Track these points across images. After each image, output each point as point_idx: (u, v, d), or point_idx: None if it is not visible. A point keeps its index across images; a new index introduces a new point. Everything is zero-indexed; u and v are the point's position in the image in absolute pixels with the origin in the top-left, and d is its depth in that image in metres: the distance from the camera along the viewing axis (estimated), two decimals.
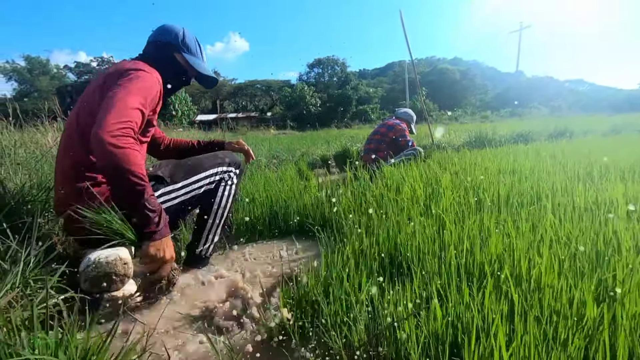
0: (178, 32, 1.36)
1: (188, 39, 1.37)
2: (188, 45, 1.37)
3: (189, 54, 1.37)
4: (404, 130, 3.34)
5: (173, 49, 1.35)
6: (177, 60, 1.36)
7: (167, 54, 1.34)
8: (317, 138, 8.36)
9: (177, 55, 1.36)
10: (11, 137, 2.84)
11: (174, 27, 1.37)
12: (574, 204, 1.48)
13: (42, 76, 32.96)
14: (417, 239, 1.18)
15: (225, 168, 1.40)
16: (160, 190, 1.25)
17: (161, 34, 1.35)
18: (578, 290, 0.81)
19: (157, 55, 1.33)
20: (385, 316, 0.84)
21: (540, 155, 3.08)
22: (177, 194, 1.29)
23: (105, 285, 1.07)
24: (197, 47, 1.41)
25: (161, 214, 1.05)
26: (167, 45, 1.34)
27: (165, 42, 1.34)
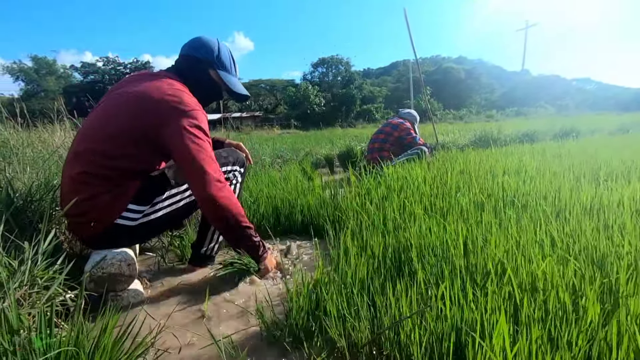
0: (213, 47, 1.32)
1: (223, 55, 1.34)
2: (223, 61, 1.34)
3: (223, 70, 1.34)
4: (409, 129, 3.33)
5: (208, 66, 1.32)
6: (212, 77, 1.34)
7: (202, 71, 1.32)
8: (321, 137, 8.36)
9: (211, 72, 1.33)
10: (19, 137, 2.88)
11: (210, 41, 1.33)
12: (579, 204, 1.47)
13: (49, 76, 33.27)
14: (420, 238, 1.18)
15: (230, 167, 1.41)
16: (166, 193, 1.26)
17: (196, 48, 1.31)
18: (582, 290, 0.80)
19: (191, 72, 1.31)
20: (387, 315, 0.84)
21: (545, 155, 3.06)
22: (183, 195, 1.30)
23: (109, 285, 1.09)
24: (231, 63, 1.38)
25: (262, 244, 1.30)
26: (202, 62, 1.31)
27: (200, 58, 1.31)
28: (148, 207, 1.22)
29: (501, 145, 4.54)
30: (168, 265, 1.50)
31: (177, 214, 1.30)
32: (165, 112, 1.14)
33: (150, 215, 1.23)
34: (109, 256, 1.11)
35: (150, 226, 1.24)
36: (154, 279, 1.38)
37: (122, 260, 1.12)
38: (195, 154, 1.13)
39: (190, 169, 1.14)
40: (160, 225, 1.29)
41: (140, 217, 1.20)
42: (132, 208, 1.18)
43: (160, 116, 1.14)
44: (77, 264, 1.08)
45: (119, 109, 1.18)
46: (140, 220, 1.21)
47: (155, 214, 1.24)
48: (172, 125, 1.14)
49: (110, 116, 1.19)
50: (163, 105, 1.14)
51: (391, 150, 3.28)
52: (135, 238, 1.26)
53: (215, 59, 1.32)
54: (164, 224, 1.30)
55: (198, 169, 1.14)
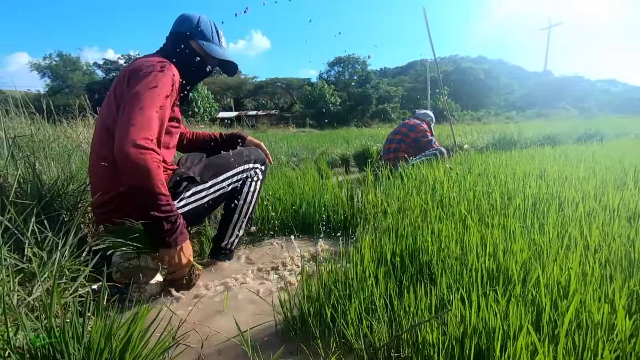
0: (193, 19, 1.32)
1: (204, 25, 1.33)
2: (203, 31, 1.33)
3: (204, 40, 1.33)
4: (425, 131, 3.29)
5: (188, 37, 1.32)
6: (193, 48, 1.33)
7: (183, 43, 1.31)
8: (337, 137, 8.35)
9: (192, 43, 1.32)
10: (45, 132, 2.99)
11: (190, 15, 1.34)
12: (605, 210, 1.42)
13: (73, 73, 34.33)
14: (440, 240, 1.17)
15: (252, 165, 1.43)
16: (192, 189, 1.30)
17: (177, 24, 1.34)
18: (609, 299, 0.78)
19: (174, 47, 1.31)
20: (405, 318, 0.84)
21: (568, 158, 2.97)
22: (207, 192, 1.33)
23: (134, 277, 1.12)
24: (213, 33, 1.36)
25: (176, 224, 1.11)
26: (183, 35, 1.31)
27: (180, 31, 1.32)
28: (175, 202, 1.25)
29: (521, 147, 4.43)
30: None
31: (201, 209, 1.33)
32: (132, 74, 1.15)
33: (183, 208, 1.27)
34: None
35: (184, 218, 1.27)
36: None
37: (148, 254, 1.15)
38: (131, 101, 1.08)
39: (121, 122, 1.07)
40: (186, 220, 1.31)
41: None
42: None
43: (131, 78, 1.14)
44: (101, 257, 1.11)
45: (108, 98, 1.22)
46: None
47: (182, 209, 1.27)
48: (132, 83, 1.13)
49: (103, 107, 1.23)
50: (133, 71, 1.15)
51: (407, 151, 3.26)
52: None
53: (194, 29, 1.31)
54: (190, 219, 1.33)
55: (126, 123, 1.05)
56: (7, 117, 3.05)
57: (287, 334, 0.97)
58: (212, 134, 1.64)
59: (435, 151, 3.15)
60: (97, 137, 1.25)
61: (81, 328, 0.54)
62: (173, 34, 1.33)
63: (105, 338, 0.54)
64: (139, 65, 1.17)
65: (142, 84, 1.11)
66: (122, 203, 1.16)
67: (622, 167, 2.38)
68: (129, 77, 1.15)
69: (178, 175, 1.29)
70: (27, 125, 3.04)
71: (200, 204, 1.32)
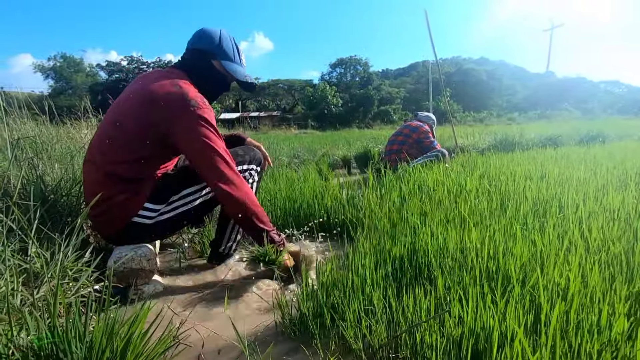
0: (215, 37, 1.31)
1: (225, 44, 1.32)
2: (225, 50, 1.32)
3: (226, 60, 1.33)
4: (428, 132, 3.30)
5: (210, 56, 1.31)
6: (215, 68, 1.33)
7: (205, 62, 1.31)
8: (338, 138, 8.36)
9: (214, 62, 1.32)
10: (48, 133, 3.01)
11: (211, 31, 1.32)
12: (605, 212, 1.42)
13: (76, 74, 34.51)
14: (439, 242, 1.17)
15: (246, 166, 1.42)
16: (181, 192, 1.29)
17: (198, 40, 1.32)
18: (608, 302, 0.78)
19: (195, 64, 1.31)
20: (404, 319, 0.85)
21: (570, 160, 2.97)
22: (199, 194, 1.32)
23: (131, 279, 1.13)
24: (234, 51, 1.35)
25: (278, 241, 1.29)
26: (204, 53, 1.30)
27: (201, 49, 1.30)
28: (164, 205, 1.26)
29: (523, 149, 4.42)
30: (188, 261, 1.54)
31: (193, 212, 1.32)
32: (172, 109, 1.15)
33: (166, 214, 1.27)
34: (130, 252, 1.15)
35: (167, 224, 1.28)
36: (173, 274, 1.41)
37: (142, 256, 1.16)
38: (209, 153, 1.16)
39: (205, 166, 1.18)
40: (177, 223, 1.33)
41: (156, 216, 1.24)
42: (149, 207, 1.22)
43: (168, 114, 1.15)
44: (102, 257, 1.13)
45: (126, 113, 1.21)
46: (156, 219, 1.24)
47: (171, 213, 1.27)
48: (182, 122, 1.15)
49: (119, 122, 1.21)
50: (169, 104, 1.16)
51: (409, 152, 3.26)
52: (154, 235, 1.29)
53: (216, 49, 1.31)
54: (181, 221, 1.34)
55: (213, 167, 1.16)
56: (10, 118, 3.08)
57: (286, 333, 0.97)
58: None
59: (437, 152, 3.15)
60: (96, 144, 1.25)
61: (83, 327, 0.55)
62: (194, 51, 1.31)
63: (107, 337, 0.55)
64: (183, 96, 1.17)
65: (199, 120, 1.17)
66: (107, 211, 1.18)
67: (624, 169, 2.37)
68: (177, 111, 1.16)
69: (167, 178, 1.29)
70: (30, 127, 3.07)
71: (191, 207, 1.31)
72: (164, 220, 1.26)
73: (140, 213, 1.22)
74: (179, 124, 1.15)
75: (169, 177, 1.29)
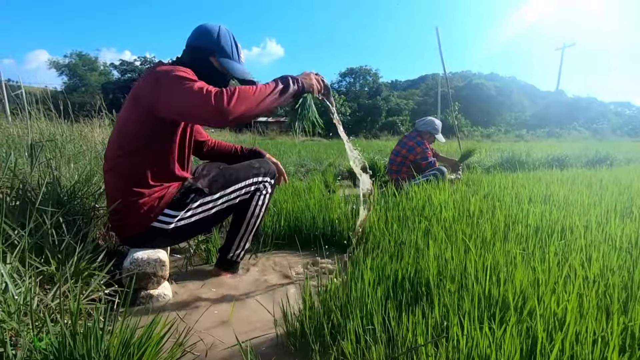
0: (213, 33, 1.31)
1: (224, 41, 1.32)
2: (223, 47, 1.32)
3: (224, 57, 1.33)
4: (424, 152, 3.25)
5: (208, 53, 1.32)
6: (214, 65, 1.33)
7: (203, 59, 1.32)
8: (345, 148, 8.37)
9: (212, 59, 1.33)
10: (62, 132, 3.09)
11: (210, 28, 1.32)
12: (607, 241, 1.44)
13: (90, 73, 35.14)
14: (440, 264, 1.19)
15: (261, 178, 1.46)
16: (199, 201, 1.34)
17: (197, 36, 1.33)
18: (603, 334, 0.80)
19: (194, 61, 1.31)
20: (402, 340, 0.87)
21: (576, 183, 2.97)
22: (215, 204, 1.37)
23: (143, 283, 1.17)
24: (233, 48, 1.35)
25: (285, 81, 1.23)
26: (203, 50, 1.31)
27: (200, 46, 1.32)
28: (183, 212, 1.31)
29: (529, 169, 4.42)
30: (194, 268, 1.58)
31: (208, 220, 1.37)
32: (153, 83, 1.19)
33: (184, 220, 1.32)
34: (145, 256, 1.19)
35: (185, 230, 1.33)
36: (180, 280, 1.45)
37: (157, 261, 1.20)
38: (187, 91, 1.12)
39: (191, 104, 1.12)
40: (193, 230, 1.38)
41: (175, 221, 1.29)
42: (168, 213, 1.28)
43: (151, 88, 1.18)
44: (112, 260, 1.17)
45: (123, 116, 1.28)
46: (175, 224, 1.29)
47: (190, 219, 1.32)
48: (161, 85, 1.16)
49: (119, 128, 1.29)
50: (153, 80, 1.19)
51: (408, 172, 3.26)
52: (170, 240, 1.35)
53: (214, 46, 1.31)
54: (198, 228, 1.39)
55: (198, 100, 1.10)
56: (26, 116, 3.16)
57: (287, 346, 1.00)
58: (233, 146, 1.69)
59: (435, 172, 3.14)
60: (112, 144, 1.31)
61: (101, 332, 0.58)
62: (192, 47, 1.33)
63: (124, 346, 0.58)
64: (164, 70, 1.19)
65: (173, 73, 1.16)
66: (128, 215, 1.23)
67: (630, 195, 2.37)
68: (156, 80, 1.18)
69: (186, 187, 1.34)
70: (45, 125, 3.14)
71: (207, 215, 1.36)
72: (182, 226, 1.31)
73: (160, 218, 1.27)
74: (160, 86, 1.17)
75: (189, 187, 1.34)
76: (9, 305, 0.70)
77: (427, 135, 3.37)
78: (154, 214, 1.26)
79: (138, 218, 1.24)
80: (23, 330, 0.66)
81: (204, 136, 1.64)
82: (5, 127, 3.21)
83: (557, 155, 5.66)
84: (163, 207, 1.27)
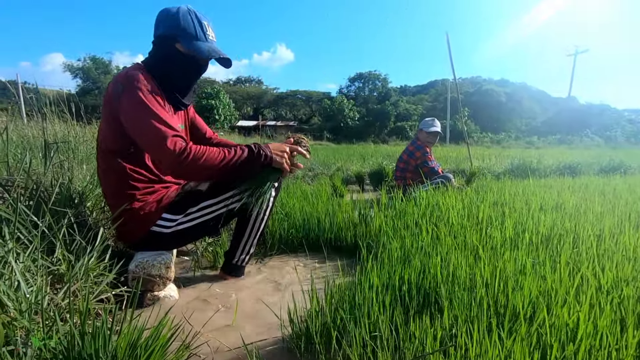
0: (173, 17, 1.22)
1: (184, 23, 1.22)
2: (185, 29, 1.22)
3: (187, 39, 1.23)
4: (424, 156, 3.21)
5: (172, 40, 1.23)
6: (180, 51, 1.24)
7: (169, 47, 1.24)
8: (353, 153, 8.39)
9: (178, 46, 1.24)
10: (75, 133, 3.14)
11: (169, 11, 1.23)
12: (621, 251, 1.40)
13: (104, 76, 35.82)
14: (449, 271, 1.18)
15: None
16: (199, 204, 1.32)
17: (158, 24, 1.25)
18: (618, 346, 0.78)
19: (160, 51, 1.25)
20: (410, 347, 0.86)
21: (588, 191, 2.91)
22: (216, 207, 1.35)
23: (149, 285, 1.17)
24: (196, 28, 1.24)
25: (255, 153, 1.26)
26: (167, 37, 1.23)
27: (163, 33, 1.24)
28: (181, 216, 1.30)
29: (540, 176, 4.36)
30: (201, 270, 1.58)
31: (210, 223, 1.36)
32: (111, 97, 1.18)
33: (184, 224, 1.31)
34: (150, 258, 1.20)
35: (185, 234, 1.32)
36: (187, 282, 1.46)
37: (162, 263, 1.21)
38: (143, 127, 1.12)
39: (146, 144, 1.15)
40: (194, 233, 1.36)
41: (174, 225, 1.29)
42: (167, 217, 1.28)
43: (110, 103, 1.18)
44: (122, 263, 1.18)
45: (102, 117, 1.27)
46: (174, 229, 1.29)
47: (189, 223, 1.31)
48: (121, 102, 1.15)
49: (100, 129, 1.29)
50: (110, 93, 1.18)
51: (413, 178, 3.24)
52: (172, 244, 1.34)
53: (177, 30, 1.22)
54: (198, 232, 1.37)
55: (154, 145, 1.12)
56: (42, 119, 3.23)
57: (293, 350, 1.00)
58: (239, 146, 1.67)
59: (441, 179, 3.10)
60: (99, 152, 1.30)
61: (109, 333, 0.58)
62: (157, 37, 1.26)
63: (131, 348, 0.58)
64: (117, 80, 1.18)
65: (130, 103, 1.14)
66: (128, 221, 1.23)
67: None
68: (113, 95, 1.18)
69: (187, 190, 1.33)
70: (59, 128, 3.20)
71: (208, 218, 1.34)
72: (181, 230, 1.31)
73: (158, 223, 1.27)
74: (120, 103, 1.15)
75: (189, 190, 1.34)
76: (21, 304, 0.71)
77: (421, 134, 3.29)
78: (153, 218, 1.26)
79: (137, 223, 1.24)
80: (34, 329, 0.67)
81: (209, 133, 1.61)
82: (20, 129, 3.28)
83: (568, 162, 5.56)
84: (162, 212, 1.27)
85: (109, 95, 1.20)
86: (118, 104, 1.16)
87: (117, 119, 1.18)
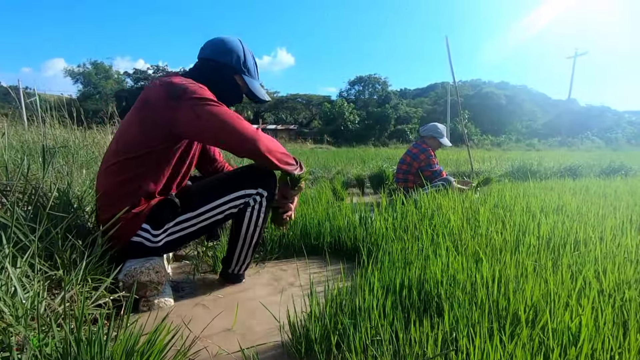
0: (239, 53, 1.30)
1: (248, 61, 1.33)
2: (248, 67, 1.33)
3: (249, 76, 1.33)
4: (429, 159, 3.20)
5: (232, 71, 1.30)
6: (237, 82, 1.32)
7: (226, 76, 1.30)
8: (353, 156, 8.39)
9: (237, 77, 1.32)
10: (75, 138, 3.15)
11: (233, 45, 1.30)
12: (623, 253, 1.39)
13: (105, 81, 36.00)
14: (449, 273, 1.17)
15: (250, 191, 1.30)
16: (176, 219, 1.25)
17: (221, 53, 1.29)
18: (620, 350, 0.77)
19: (214, 75, 1.29)
20: (410, 352, 0.85)
21: (589, 193, 2.91)
22: (197, 220, 1.27)
23: (141, 291, 1.17)
24: (254, 68, 1.36)
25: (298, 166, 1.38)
26: (228, 67, 1.29)
27: (225, 63, 1.29)
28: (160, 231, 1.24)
29: (540, 178, 4.35)
30: (200, 275, 1.57)
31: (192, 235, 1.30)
32: (168, 100, 1.14)
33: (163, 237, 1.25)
34: (137, 265, 1.19)
35: (167, 245, 1.27)
36: (186, 287, 1.45)
37: (150, 268, 1.19)
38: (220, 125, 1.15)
39: (227, 138, 1.18)
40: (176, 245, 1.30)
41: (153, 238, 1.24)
42: (146, 228, 1.23)
43: (166, 106, 1.15)
44: (119, 265, 1.17)
45: (130, 120, 1.24)
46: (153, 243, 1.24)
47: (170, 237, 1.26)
48: (182, 108, 1.13)
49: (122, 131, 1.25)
50: (165, 96, 1.15)
51: (415, 181, 3.23)
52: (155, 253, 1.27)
53: (242, 66, 1.31)
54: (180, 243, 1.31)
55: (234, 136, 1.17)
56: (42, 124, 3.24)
57: (292, 355, 0.99)
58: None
59: (442, 182, 3.09)
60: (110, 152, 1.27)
61: (105, 339, 0.58)
62: (214, 62, 1.29)
63: (126, 355, 0.58)
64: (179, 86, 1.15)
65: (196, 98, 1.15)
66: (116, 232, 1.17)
67: None
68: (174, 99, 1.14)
69: (164, 201, 1.26)
70: (60, 132, 3.21)
71: (188, 232, 1.28)
72: (164, 243, 1.26)
73: (139, 233, 1.22)
74: (181, 109, 1.14)
75: (166, 203, 1.26)
76: (17, 309, 0.71)
77: (431, 140, 3.29)
78: (133, 228, 1.21)
79: (120, 231, 1.18)
80: (30, 335, 0.67)
81: (217, 155, 1.62)
82: (21, 134, 3.29)
83: (569, 164, 5.56)
84: (141, 222, 1.21)
85: (154, 99, 1.18)
86: (175, 111, 1.15)
87: (159, 123, 1.17)
